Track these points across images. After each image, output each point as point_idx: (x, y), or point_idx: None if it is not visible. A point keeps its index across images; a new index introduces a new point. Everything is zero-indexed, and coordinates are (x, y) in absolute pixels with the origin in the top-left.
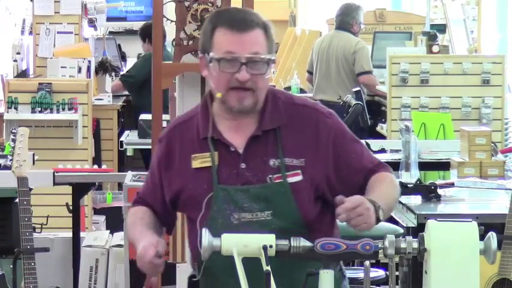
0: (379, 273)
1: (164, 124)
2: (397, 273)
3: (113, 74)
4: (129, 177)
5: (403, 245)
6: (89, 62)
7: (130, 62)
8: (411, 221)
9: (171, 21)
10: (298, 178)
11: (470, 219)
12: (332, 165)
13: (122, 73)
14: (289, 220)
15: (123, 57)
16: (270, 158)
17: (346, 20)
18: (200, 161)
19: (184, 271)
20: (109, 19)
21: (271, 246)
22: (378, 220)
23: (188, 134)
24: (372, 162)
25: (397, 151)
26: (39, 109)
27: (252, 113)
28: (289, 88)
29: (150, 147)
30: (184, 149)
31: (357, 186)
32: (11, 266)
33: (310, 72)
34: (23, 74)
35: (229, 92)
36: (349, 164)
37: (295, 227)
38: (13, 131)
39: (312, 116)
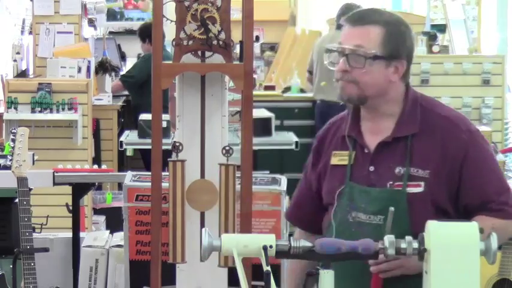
0: None
1: (164, 124)
2: None
3: (113, 74)
4: (129, 177)
5: (403, 245)
6: (89, 62)
7: (131, 62)
8: None
9: (171, 21)
10: (419, 189)
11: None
12: (456, 182)
13: (121, 73)
14: (398, 229)
15: (123, 57)
16: (396, 165)
17: None
18: (338, 158)
19: (184, 271)
20: None
21: (271, 247)
22: None
23: (339, 131)
24: (496, 196)
25: None
26: (39, 109)
27: (388, 117)
28: (289, 88)
29: (150, 147)
30: (331, 146)
31: (468, 211)
32: (11, 266)
33: (311, 72)
34: (22, 74)
35: (338, 83)
36: (468, 188)
37: (403, 237)
38: (13, 131)
39: (446, 127)
